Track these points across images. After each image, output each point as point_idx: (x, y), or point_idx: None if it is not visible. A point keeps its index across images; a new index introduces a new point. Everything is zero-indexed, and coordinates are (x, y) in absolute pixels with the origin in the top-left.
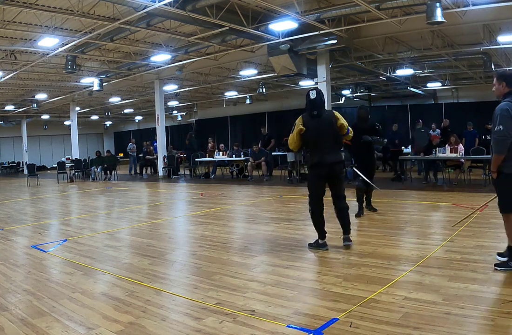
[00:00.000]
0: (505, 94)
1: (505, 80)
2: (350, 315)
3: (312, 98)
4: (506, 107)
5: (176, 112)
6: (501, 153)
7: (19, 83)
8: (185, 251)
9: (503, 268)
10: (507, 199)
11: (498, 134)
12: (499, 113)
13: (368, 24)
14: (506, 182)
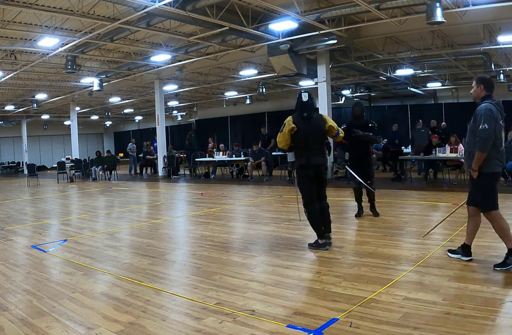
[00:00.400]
0: (482, 97)
1: (483, 84)
2: (350, 315)
3: (304, 100)
4: (490, 108)
5: (176, 112)
6: (485, 150)
7: (19, 83)
8: (185, 251)
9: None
10: (484, 199)
11: (484, 132)
12: (483, 113)
13: (368, 24)
14: (485, 181)
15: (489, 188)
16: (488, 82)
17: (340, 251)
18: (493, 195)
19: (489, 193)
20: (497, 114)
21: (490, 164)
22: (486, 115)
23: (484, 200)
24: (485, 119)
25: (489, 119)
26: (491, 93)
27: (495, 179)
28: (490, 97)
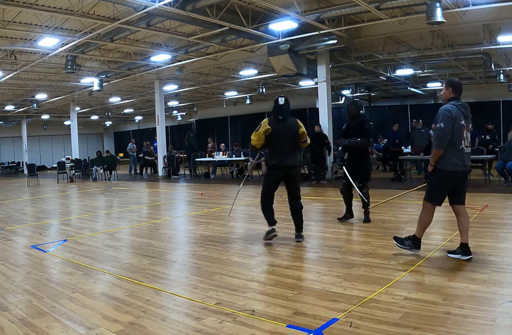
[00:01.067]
0: (450, 98)
1: (452, 87)
2: (350, 315)
3: (281, 104)
4: (449, 108)
5: (176, 112)
6: (440, 147)
7: (19, 83)
8: (185, 251)
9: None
10: (430, 191)
11: (440, 130)
12: (442, 113)
13: (368, 24)
14: (436, 176)
15: (438, 183)
16: (457, 85)
17: (340, 251)
18: (439, 190)
19: (436, 187)
20: (457, 114)
21: (445, 162)
22: (443, 115)
23: (429, 191)
24: (442, 119)
25: (446, 118)
26: (459, 95)
27: (447, 176)
28: (457, 98)
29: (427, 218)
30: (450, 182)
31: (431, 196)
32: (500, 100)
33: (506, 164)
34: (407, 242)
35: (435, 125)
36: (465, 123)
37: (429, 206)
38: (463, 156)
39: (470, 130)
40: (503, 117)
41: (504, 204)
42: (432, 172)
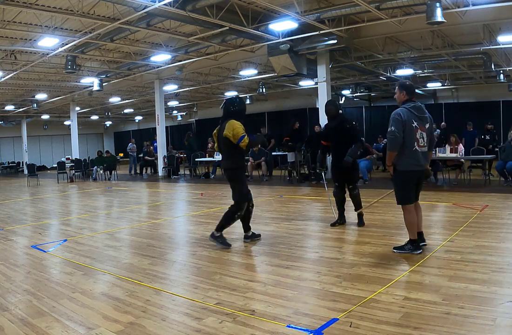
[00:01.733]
0: (404, 101)
1: (405, 90)
2: (350, 315)
3: (220, 107)
4: (399, 112)
5: (176, 112)
6: (393, 150)
7: (19, 83)
8: (185, 251)
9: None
10: (398, 193)
11: (391, 134)
12: (393, 117)
13: (368, 24)
14: (398, 177)
15: (402, 184)
16: (410, 87)
17: (340, 251)
18: (405, 190)
19: (402, 188)
20: (408, 117)
21: (402, 163)
22: (394, 119)
23: (398, 194)
24: (393, 122)
25: (396, 122)
26: (412, 97)
27: (408, 176)
28: (410, 100)
29: (411, 218)
30: (412, 181)
31: (402, 197)
32: (500, 100)
33: (506, 164)
34: (407, 247)
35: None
36: (418, 124)
37: (406, 207)
38: (418, 157)
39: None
40: (503, 117)
41: (504, 204)
42: (395, 175)
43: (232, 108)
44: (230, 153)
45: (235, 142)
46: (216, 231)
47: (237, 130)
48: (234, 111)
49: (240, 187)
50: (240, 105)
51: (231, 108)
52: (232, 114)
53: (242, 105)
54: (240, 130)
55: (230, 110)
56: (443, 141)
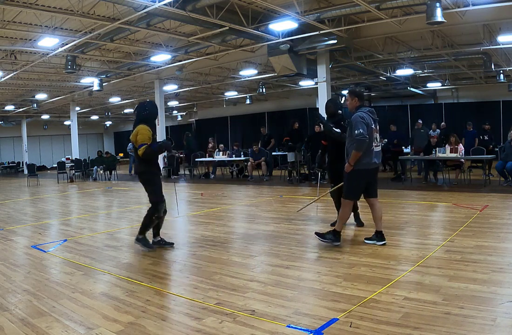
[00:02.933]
0: (357, 107)
1: (357, 96)
2: (350, 315)
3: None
4: (362, 115)
5: (176, 112)
6: (361, 150)
7: (19, 83)
8: (185, 251)
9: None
10: (348, 189)
11: (360, 135)
12: (358, 120)
13: (368, 24)
14: (353, 175)
15: (354, 181)
16: (361, 94)
17: (340, 251)
18: (356, 187)
19: (353, 185)
20: (369, 119)
21: (359, 162)
22: (359, 122)
23: (347, 189)
24: (359, 125)
25: (362, 124)
26: (363, 102)
27: (362, 175)
28: (363, 106)
29: (348, 213)
30: (365, 179)
31: (351, 193)
32: (500, 100)
33: (506, 164)
34: (329, 236)
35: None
36: (374, 126)
37: (349, 202)
38: (373, 155)
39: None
40: (503, 117)
41: (504, 204)
42: (351, 172)
43: (143, 113)
44: (137, 157)
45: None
46: (139, 234)
47: (141, 137)
48: (145, 115)
49: (153, 189)
50: (151, 109)
51: (142, 113)
52: (143, 118)
53: (153, 110)
54: (144, 137)
55: (141, 115)
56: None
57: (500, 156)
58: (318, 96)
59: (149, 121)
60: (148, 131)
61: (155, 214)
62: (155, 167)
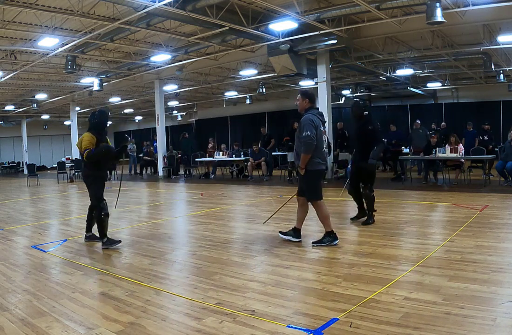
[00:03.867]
0: (306, 108)
1: (308, 98)
2: (350, 315)
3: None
4: (311, 118)
5: (176, 112)
6: (309, 153)
7: (19, 83)
8: (185, 251)
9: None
10: (311, 191)
11: (307, 138)
12: (306, 123)
13: (368, 24)
14: (309, 177)
15: (313, 182)
16: (312, 96)
17: (340, 251)
18: (316, 188)
19: (313, 186)
20: (318, 122)
21: (313, 163)
22: (308, 125)
23: (309, 192)
24: (307, 128)
25: (310, 127)
26: (314, 104)
27: (318, 175)
28: (313, 108)
29: (325, 212)
30: (320, 178)
31: (315, 194)
32: (500, 100)
33: (506, 164)
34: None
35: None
36: (323, 129)
37: (319, 202)
38: (324, 156)
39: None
40: (503, 117)
41: (504, 204)
42: (306, 175)
43: (92, 121)
44: (83, 162)
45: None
46: (102, 238)
47: (84, 143)
48: (94, 123)
49: (94, 192)
50: (100, 118)
51: (92, 121)
52: (92, 126)
53: (103, 119)
54: (87, 143)
55: (91, 122)
56: (443, 141)
57: (500, 156)
58: (318, 96)
59: (96, 129)
60: (91, 137)
61: (102, 212)
62: (100, 170)
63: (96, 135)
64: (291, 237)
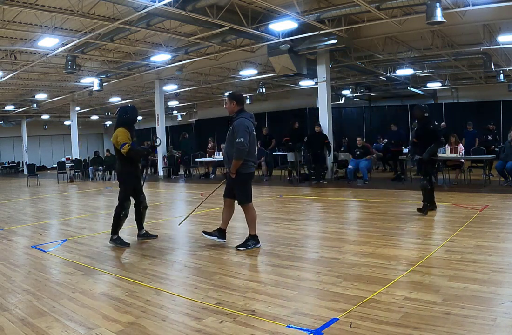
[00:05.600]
0: (237, 111)
1: (235, 100)
2: (350, 315)
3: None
4: (246, 123)
5: (176, 112)
6: (241, 159)
7: (19, 83)
8: (185, 251)
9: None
10: (242, 193)
11: (240, 145)
12: (241, 129)
13: (368, 24)
14: (241, 179)
15: (244, 185)
16: (240, 98)
17: (340, 251)
18: (247, 190)
19: (244, 189)
20: (252, 127)
21: (245, 166)
22: (242, 131)
23: (240, 195)
24: (241, 134)
25: (245, 133)
26: (243, 107)
27: (249, 177)
28: (243, 110)
29: (254, 215)
30: (251, 180)
31: (247, 197)
32: (500, 100)
33: (506, 164)
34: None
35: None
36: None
37: (249, 205)
38: (255, 159)
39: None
40: (503, 117)
41: (504, 204)
42: (237, 178)
43: (124, 116)
44: (118, 158)
45: (119, 148)
46: (113, 235)
47: (120, 138)
48: (126, 119)
49: (124, 190)
50: (131, 113)
51: (123, 116)
52: (123, 122)
53: (134, 115)
54: (124, 137)
55: (121, 118)
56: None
57: (500, 156)
58: (318, 96)
59: (128, 124)
60: (126, 132)
61: (122, 212)
62: (133, 167)
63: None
64: (216, 237)
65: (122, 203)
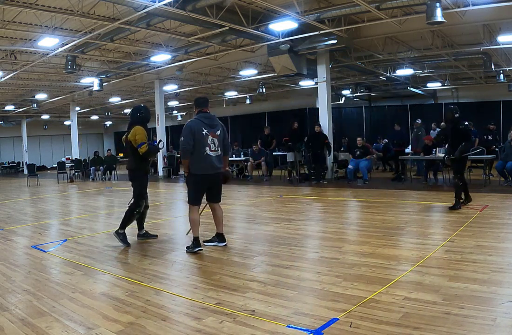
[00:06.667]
0: (196, 113)
1: (194, 104)
2: (350, 315)
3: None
4: (189, 124)
5: (176, 112)
6: (185, 158)
7: (19, 83)
8: (185, 251)
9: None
10: (188, 193)
11: (181, 143)
12: (184, 128)
13: (368, 24)
14: (189, 180)
15: (193, 185)
16: (196, 101)
17: (340, 251)
18: (193, 191)
19: (193, 190)
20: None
21: (195, 167)
22: (184, 130)
23: (189, 195)
24: (183, 133)
25: (186, 133)
26: (202, 108)
27: (199, 179)
28: (201, 111)
29: (193, 217)
30: (203, 184)
31: (190, 198)
32: (500, 100)
33: (506, 164)
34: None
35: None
36: (208, 132)
37: (191, 207)
38: (210, 160)
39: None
40: (503, 117)
41: (504, 204)
42: (188, 177)
43: (138, 115)
44: (132, 155)
45: (136, 146)
46: (120, 229)
47: (139, 136)
48: (140, 118)
49: (139, 186)
50: (145, 112)
51: (137, 114)
52: (138, 120)
53: (147, 114)
54: (142, 136)
55: (136, 117)
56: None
57: (500, 156)
58: (318, 96)
59: (143, 123)
60: (144, 131)
61: (136, 209)
62: (145, 163)
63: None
64: (216, 242)
65: (138, 201)
